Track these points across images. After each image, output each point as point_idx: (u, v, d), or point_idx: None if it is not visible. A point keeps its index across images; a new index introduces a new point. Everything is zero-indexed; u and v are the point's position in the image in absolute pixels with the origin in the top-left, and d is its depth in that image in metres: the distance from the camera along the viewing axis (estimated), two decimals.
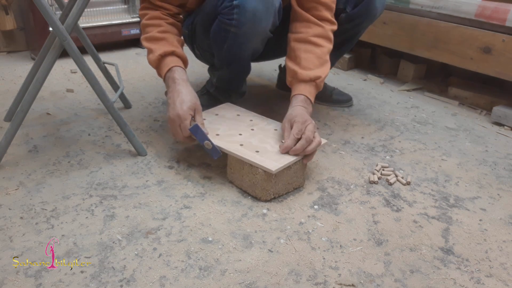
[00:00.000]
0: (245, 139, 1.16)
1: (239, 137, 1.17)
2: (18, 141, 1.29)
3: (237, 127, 1.22)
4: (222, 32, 1.23)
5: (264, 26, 1.20)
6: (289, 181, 1.11)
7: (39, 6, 1.05)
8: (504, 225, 1.05)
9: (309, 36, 1.24)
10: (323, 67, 1.25)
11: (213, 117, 1.28)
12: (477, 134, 1.53)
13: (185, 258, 0.89)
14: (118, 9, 2.22)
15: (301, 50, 1.24)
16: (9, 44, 2.16)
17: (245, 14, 1.15)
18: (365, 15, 1.39)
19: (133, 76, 1.91)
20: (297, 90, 1.23)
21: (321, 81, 1.25)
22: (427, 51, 1.78)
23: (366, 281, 0.86)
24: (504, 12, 1.52)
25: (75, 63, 1.14)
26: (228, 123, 1.24)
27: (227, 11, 1.17)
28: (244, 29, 1.18)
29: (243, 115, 1.30)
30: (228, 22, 1.18)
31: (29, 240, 0.92)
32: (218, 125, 1.22)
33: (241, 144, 1.12)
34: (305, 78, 1.22)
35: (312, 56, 1.23)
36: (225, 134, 1.17)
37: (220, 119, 1.27)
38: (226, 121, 1.26)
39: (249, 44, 1.26)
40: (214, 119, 1.26)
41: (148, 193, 1.10)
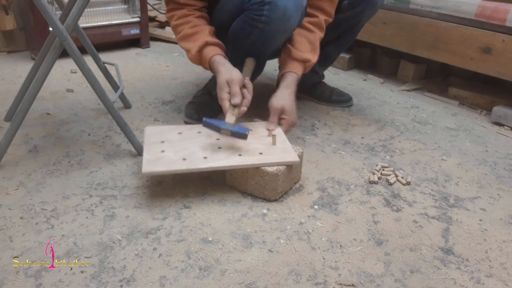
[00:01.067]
0: (231, 148, 1.11)
1: (224, 149, 1.10)
2: (18, 141, 1.29)
3: (205, 143, 1.13)
4: (247, 28, 1.24)
5: (292, 23, 1.23)
6: (291, 177, 1.12)
7: (39, 6, 1.05)
8: (504, 225, 1.05)
9: (304, 22, 1.34)
10: (314, 53, 1.35)
11: (178, 136, 1.16)
12: (477, 134, 1.53)
13: (185, 258, 0.89)
14: (118, 9, 2.22)
15: (295, 34, 1.34)
16: (9, 44, 2.16)
17: (276, 11, 1.16)
18: (366, 1, 1.42)
19: (133, 76, 1.91)
20: (290, 67, 1.33)
21: (310, 65, 1.35)
22: (427, 51, 1.78)
23: (366, 281, 0.86)
24: (504, 12, 1.52)
25: (75, 63, 1.14)
26: (189, 143, 1.13)
27: (257, 7, 1.18)
28: (272, 25, 1.20)
29: (185, 132, 1.18)
30: (257, 18, 1.19)
31: (29, 240, 0.92)
32: (188, 149, 1.10)
33: (239, 154, 1.09)
34: (298, 57, 1.32)
35: (304, 40, 1.34)
36: (209, 153, 1.09)
37: (187, 140, 1.14)
38: (192, 141, 1.14)
39: (274, 41, 1.29)
40: (183, 140, 1.14)
41: (148, 193, 1.09)
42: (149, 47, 2.35)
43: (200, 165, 1.04)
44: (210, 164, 1.05)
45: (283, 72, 1.33)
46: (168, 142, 1.12)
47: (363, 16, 1.47)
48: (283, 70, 1.34)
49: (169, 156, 1.06)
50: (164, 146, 1.10)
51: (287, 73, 1.32)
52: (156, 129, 1.19)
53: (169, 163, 1.04)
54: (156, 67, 2.04)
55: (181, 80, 1.88)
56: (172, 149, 1.09)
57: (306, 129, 1.48)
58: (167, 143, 1.11)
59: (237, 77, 1.17)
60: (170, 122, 1.47)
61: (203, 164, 1.04)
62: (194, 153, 1.08)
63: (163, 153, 1.07)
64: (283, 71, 1.33)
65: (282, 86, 1.30)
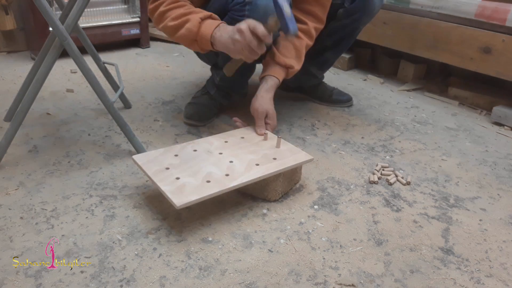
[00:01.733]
0: (244, 160, 1.07)
1: (237, 163, 1.06)
2: (18, 141, 1.29)
3: (211, 160, 1.08)
4: None
5: None
6: (292, 178, 1.12)
7: (39, 6, 1.05)
8: (504, 225, 1.05)
9: None
10: (298, 60, 1.35)
11: (178, 159, 1.07)
12: (477, 134, 1.53)
13: (185, 258, 0.89)
14: (118, 9, 2.22)
15: (282, 38, 1.34)
16: (9, 44, 2.16)
17: (257, 11, 1.16)
18: (363, 10, 1.41)
19: (133, 76, 1.91)
20: (272, 71, 1.33)
21: (292, 72, 1.35)
22: (427, 51, 1.78)
23: (366, 281, 0.86)
24: (504, 12, 1.52)
25: (75, 63, 1.14)
26: (196, 163, 1.06)
27: (239, 8, 1.18)
28: None
29: (181, 154, 1.10)
30: (239, 19, 1.18)
31: (29, 240, 0.92)
32: (202, 170, 1.03)
33: (256, 164, 1.05)
34: (281, 62, 1.32)
35: (290, 46, 1.34)
36: (226, 169, 1.03)
37: (191, 161, 1.07)
38: (198, 161, 1.07)
39: None
40: (186, 162, 1.06)
41: (148, 193, 1.09)
42: (149, 47, 2.35)
43: (229, 184, 0.98)
44: (239, 180, 0.99)
45: (265, 75, 1.34)
46: (173, 168, 1.02)
47: (359, 23, 1.47)
48: (265, 72, 1.35)
49: (190, 182, 0.97)
50: (173, 173, 1.01)
51: (268, 76, 1.33)
52: (147, 155, 1.08)
53: (197, 189, 0.95)
54: (156, 67, 2.04)
55: (181, 80, 1.88)
56: (185, 174, 1.00)
57: (306, 129, 1.48)
58: (173, 169, 1.02)
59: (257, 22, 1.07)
60: (170, 122, 1.47)
61: (232, 182, 0.98)
62: (213, 173, 1.01)
63: (180, 180, 0.98)
64: (265, 74, 1.34)
65: (263, 90, 1.31)
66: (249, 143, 1.16)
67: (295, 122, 1.52)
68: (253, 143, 1.17)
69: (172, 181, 0.97)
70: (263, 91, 1.31)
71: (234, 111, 1.56)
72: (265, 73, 1.34)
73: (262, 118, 1.25)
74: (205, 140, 1.17)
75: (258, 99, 1.29)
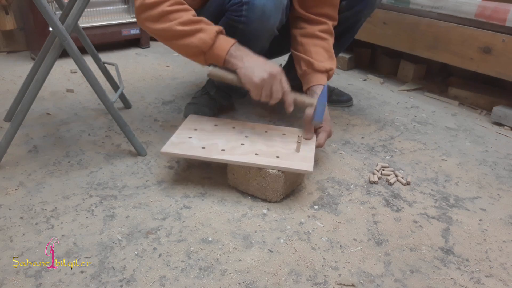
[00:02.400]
0: (252, 147, 1.12)
1: (245, 147, 1.11)
2: (18, 141, 1.29)
3: (232, 138, 1.15)
4: (230, 29, 1.23)
5: (272, 23, 1.22)
6: (294, 180, 1.11)
7: (39, 6, 1.05)
8: (504, 225, 1.05)
9: (316, 31, 1.33)
10: (332, 60, 1.34)
11: (213, 128, 1.20)
12: (477, 134, 1.53)
13: (185, 258, 0.89)
14: (118, 9, 2.22)
15: (309, 44, 1.33)
16: (9, 44, 2.16)
17: (254, 11, 1.16)
18: (364, 1, 1.42)
19: (133, 76, 1.91)
20: (316, 80, 1.31)
21: (332, 73, 1.34)
22: (427, 51, 1.78)
23: (366, 281, 0.86)
24: (504, 12, 1.52)
25: (75, 63, 1.14)
26: (218, 135, 1.15)
27: (236, 8, 1.17)
28: (252, 26, 1.19)
29: (221, 125, 1.22)
30: (237, 19, 1.18)
31: (29, 240, 0.92)
32: (212, 140, 1.13)
33: (256, 154, 1.08)
34: (321, 69, 1.31)
35: (321, 50, 1.32)
36: (229, 148, 1.10)
37: (218, 132, 1.18)
38: (222, 134, 1.17)
39: (257, 41, 1.27)
40: (214, 132, 1.18)
41: (148, 193, 1.09)
42: (149, 47, 2.35)
43: (215, 155, 1.07)
44: (223, 157, 1.07)
45: (310, 86, 1.31)
46: (200, 131, 1.17)
47: (361, 16, 1.47)
48: (309, 83, 1.32)
49: (191, 142, 1.11)
50: (194, 134, 1.16)
51: (315, 86, 1.30)
52: (197, 117, 1.27)
53: (188, 148, 1.08)
54: (156, 67, 2.04)
55: (181, 80, 1.88)
56: (199, 137, 1.14)
57: None
58: (199, 132, 1.17)
59: (279, 72, 1.11)
60: (170, 122, 1.48)
61: (218, 155, 1.07)
62: (215, 144, 1.11)
63: (189, 139, 1.13)
64: (310, 85, 1.31)
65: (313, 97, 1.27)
66: (281, 139, 1.17)
67: (295, 122, 1.52)
68: (284, 141, 1.16)
69: (182, 138, 1.13)
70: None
71: (234, 111, 1.56)
72: (311, 84, 1.31)
73: (312, 123, 1.19)
74: (251, 125, 1.25)
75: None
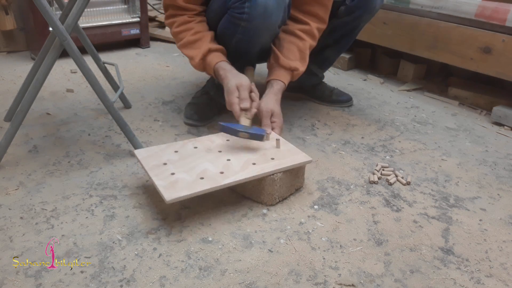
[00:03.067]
0: (241, 159, 1.07)
1: (236, 161, 1.06)
2: (18, 141, 1.29)
3: (210, 157, 1.08)
4: (232, 27, 1.24)
5: (274, 20, 1.22)
6: (292, 183, 1.10)
7: (39, 6, 1.05)
8: (504, 225, 1.05)
9: (295, 29, 1.34)
10: (303, 62, 1.35)
11: (177, 155, 1.09)
12: (477, 134, 1.53)
13: (185, 258, 0.89)
14: (118, 9, 2.22)
15: (285, 40, 1.35)
16: (9, 44, 2.16)
17: (257, 8, 1.16)
18: (364, 7, 1.41)
19: (133, 76, 1.91)
20: (277, 75, 1.34)
21: (297, 74, 1.35)
22: (427, 51, 1.78)
23: (366, 281, 0.86)
24: (504, 12, 1.52)
25: (75, 63, 1.14)
26: (193, 160, 1.06)
27: (238, 5, 1.18)
28: (254, 23, 1.19)
29: (182, 150, 1.11)
30: (239, 16, 1.19)
31: (29, 240, 0.92)
32: (196, 167, 1.04)
33: (253, 163, 1.05)
34: (286, 65, 1.32)
35: (294, 48, 1.34)
36: (223, 167, 1.03)
37: (189, 157, 1.08)
38: (195, 157, 1.08)
39: (258, 39, 1.28)
40: (184, 158, 1.07)
41: (148, 193, 1.09)
42: (149, 47, 2.35)
43: (222, 181, 0.98)
44: (232, 179, 0.99)
45: (270, 79, 1.34)
46: (170, 163, 1.04)
47: (360, 21, 1.47)
48: (270, 76, 1.35)
49: (184, 178, 0.98)
50: (170, 168, 1.02)
51: (274, 80, 1.33)
52: (148, 150, 1.10)
53: (189, 185, 0.96)
54: (156, 67, 2.04)
55: (181, 80, 1.88)
56: (181, 169, 1.01)
57: (306, 129, 1.48)
58: (170, 165, 1.03)
59: (246, 83, 1.20)
60: (170, 122, 1.48)
61: (225, 180, 0.98)
62: (207, 170, 1.02)
63: (174, 175, 0.99)
64: (270, 78, 1.34)
65: (269, 93, 1.31)
66: (250, 142, 1.15)
67: (295, 122, 1.52)
68: (254, 142, 1.16)
69: (167, 176, 0.99)
70: (269, 93, 1.31)
71: None
72: (271, 77, 1.34)
73: (267, 117, 1.25)
74: (208, 138, 1.18)
75: (264, 99, 1.29)
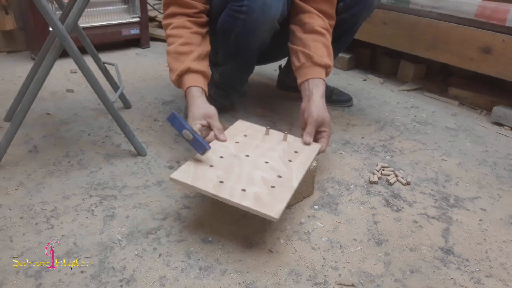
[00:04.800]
0: (273, 156, 1.04)
1: (272, 163, 1.01)
2: (18, 141, 1.29)
3: (254, 163, 1.01)
4: (231, 20, 1.23)
5: (273, 13, 1.21)
6: (299, 191, 1.07)
7: (39, 6, 1.05)
8: (504, 225, 1.05)
9: (315, 26, 1.29)
10: (331, 57, 1.30)
11: (225, 162, 1.01)
12: (477, 134, 1.53)
13: (185, 258, 0.89)
14: (118, 9, 2.22)
15: (309, 39, 1.28)
16: (9, 44, 2.16)
17: (256, 1, 1.16)
18: (361, 4, 1.40)
19: (133, 76, 1.91)
20: (314, 73, 1.25)
21: (330, 70, 1.30)
22: (427, 51, 1.78)
23: (366, 281, 0.86)
24: (504, 12, 1.52)
25: (75, 63, 1.14)
26: (245, 164, 1.00)
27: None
28: (253, 16, 1.18)
29: (224, 153, 1.04)
30: (238, 9, 1.18)
31: (29, 240, 0.92)
32: (257, 171, 0.98)
33: (289, 160, 1.02)
34: (321, 63, 1.25)
35: (320, 45, 1.28)
36: (272, 172, 0.98)
37: (236, 164, 1.00)
38: (241, 164, 1.00)
39: (257, 33, 1.26)
40: (233, 165, 1.00)
41: (148, 193, 1.09)
42: (149, 47, 2.35)
43: (293, 184, 0.93)
44: (296, 179, 0.95)
45: (308, 79, 1.24)
46: (226, 180, 0.94)
47: (359, 18, 1.46)
48: (306, 76, 1.25)
49: (261, 191, 0.90)
50: (233, 185, 0.92)
51: (315, 79, 1.24)
52: (183, 173, 0.95)
53: (276, 196, 0.89)
54: (156, 67, 2.04)
55: None
56: (244, 183, 0.93)
57: None
58: (228, 182, 0.93)
59: (216, 114, 1.13)
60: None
61: (293, 183, 0.94)
62: (268, 178, 0.95)
63: (246, 191, 0.90)
64: (307, 77, 1.24)
65: (317, 95, 1.21)
66: (258, 140, 1.12)
67: (295, 122, 1.52)
68: (260, 140, 1.13)
69: (242, 194, 0.89)
70: (318, 96, 1.21)
71: (234, 111, 1.56)
72: (308, 77, 1.25)
73: (315, 125, 1.17)
74: (221, 145, 1.07)
75: (315, 103, 1.19)
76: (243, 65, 1.40)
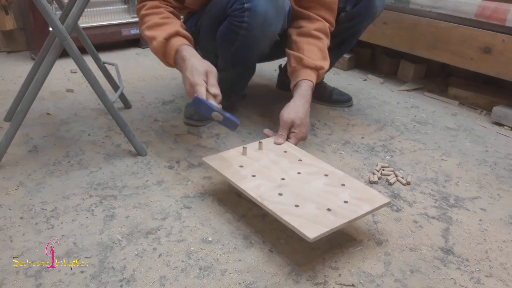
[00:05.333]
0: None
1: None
2: (18, 141, 1.29)
3: (296, 183, 0.99)
4: (231, 34, 1.23)
5: (273, 29, 1.21)
6: None
7: (39, 6, 1.05)
8: (504, 225, 1.05)
9: (311, 30, 1.30)
10: (325, 60, 1.31)
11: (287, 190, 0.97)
12: (477, 134, 1.53)
13: (185, 258, 0.89)
14: (118, 9, 2.22)
15: (303, 42, 1.29)
16: (9, 44, 2.16)
17: (256, 17, 1.15)
18: (364, 14, 1.40)
19: (133, 76, 1.91)
20: (303, 75, 1.27)
21: (323, 73, 1.31)
22: (427, 51, 1.78)
23: (366, 281, 0.86)
24: (504, 12, 1.52)
25: (75, 63, 1.14)
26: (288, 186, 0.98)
27: (237, 14, 1.17)
28: (254, 32, 1.19)
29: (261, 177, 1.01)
30: (239, 25, 1.18)
31: (29, 240, 0.92)
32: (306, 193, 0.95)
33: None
34: (311, 65, 1.26)
35: (315, 48, 1.29)
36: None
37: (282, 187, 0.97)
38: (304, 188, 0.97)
39: (257, 47, 1.27)
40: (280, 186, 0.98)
41: (148, 193, 1.09)
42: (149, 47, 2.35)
43: (360, 211, 0.90)
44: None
45: (297, 81, 1.27)
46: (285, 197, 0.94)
47: (361, 27, 1.46)
48: (296, 79, 1.28)
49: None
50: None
51: (301, 81, 1.27)
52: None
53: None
54: (156, 67, 2.04)
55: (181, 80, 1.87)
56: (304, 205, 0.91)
57: None
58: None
59: (215, 70, 1.08)
60: (170, 122, 1.47)
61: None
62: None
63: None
64: (296, 80, 1.27)
65: (296, 96, 1.25)
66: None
67: None
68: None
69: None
70: (296, 96, 1.24)
71: (234, 111, 1.56)
72: (297, 79, 1.27)
73: (285, 127, 1.19)
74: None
75: (289, 105, 1.23)
76: (243, 72, 1.41)
